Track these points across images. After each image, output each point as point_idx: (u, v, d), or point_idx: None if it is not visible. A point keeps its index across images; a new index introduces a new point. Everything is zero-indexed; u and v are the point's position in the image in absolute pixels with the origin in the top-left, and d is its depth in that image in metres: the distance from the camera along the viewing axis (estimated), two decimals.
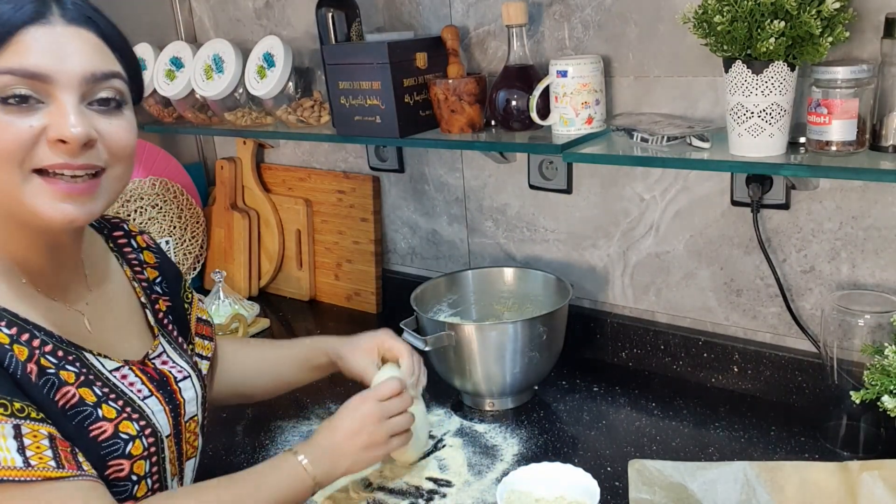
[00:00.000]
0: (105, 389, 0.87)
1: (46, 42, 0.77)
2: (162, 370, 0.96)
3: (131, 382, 0.91)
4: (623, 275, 1.44)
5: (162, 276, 1.07)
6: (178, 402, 0.96)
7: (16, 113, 0.76)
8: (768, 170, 1.09)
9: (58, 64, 0.77)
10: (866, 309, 1.10)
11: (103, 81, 0.81)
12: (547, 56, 1.35)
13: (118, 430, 0.85)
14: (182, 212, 1.91)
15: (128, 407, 0.88)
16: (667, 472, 1.04)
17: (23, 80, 0.76)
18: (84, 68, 0.79)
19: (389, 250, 1.80)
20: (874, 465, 1.00)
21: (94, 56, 0.80)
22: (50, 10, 0.78)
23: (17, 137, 0.76)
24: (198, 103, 1.74)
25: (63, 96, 0.78)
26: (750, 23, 1.00)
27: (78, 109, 0.78)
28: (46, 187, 0.78)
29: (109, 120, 0.82)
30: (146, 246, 1.08)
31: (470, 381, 1.30)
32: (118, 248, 1.04)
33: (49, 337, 0.84)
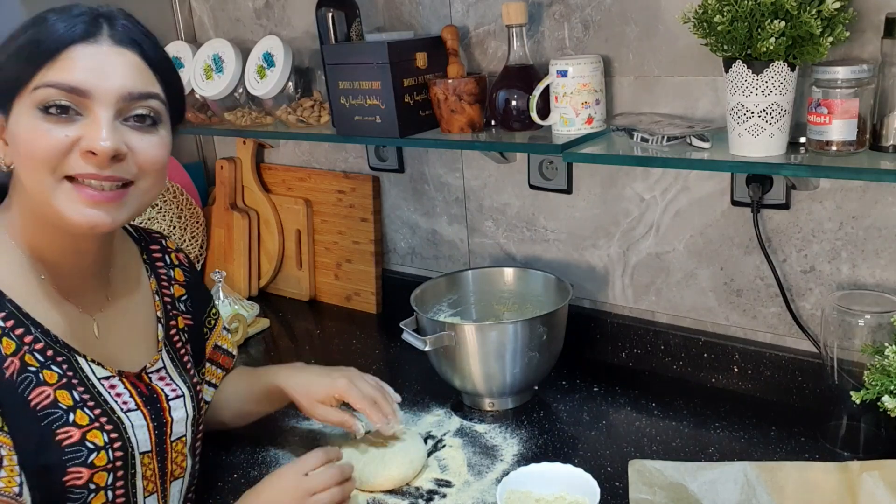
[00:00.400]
0: (85, 395, 0.89)
1: (91, 60, 0.82)
2: (155, 386, 0.98)
3: (118, 393, 0.93)
4: (623, 275, 1.44)
5: (188, 295, 1.11)
6: (166, 421, 0.98)
7: (54, 122, 0.81)
8: (768, 170, 1.09)
9: (98, 81, 0.82)
10: (866, 309, 1.10)
11: (140, 100, 0.85)
12: (547, 56, 1.35)
13: (85, 437, 0.87)
14: (182, 212, 1.91)
15: (103, 417, 0.90)
16: (667, 473, 1.04)
17: (64, 93, 0.81)
18: (122, 86, 0.83)
19: (389, 250, 1.80)
20: (874, 465, 1.00)
21: (133, 76, 0.85)
22: (100, 31, 0.83)
23: (53, 145, 0.81)
24: (198, 103, 1.74)
25: (99, 111, 0.82)
26: (750, 22, 1.00)
27: (111, 124, 0.82)
28: (74, 193, 0.83)
29: (142, 136, 0.86)
30: (179, 264, 1.11)
31: (470, 381, 1.30)
32: (151, 261, 1.08)
33: (45, 335, 0.87)
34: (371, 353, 1.60)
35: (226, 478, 1.19)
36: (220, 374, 1.19)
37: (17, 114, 0.82)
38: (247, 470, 1.20)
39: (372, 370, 1.51)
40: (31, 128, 0.81)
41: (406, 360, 1.54)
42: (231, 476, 1.19)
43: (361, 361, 1.56)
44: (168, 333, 1.05)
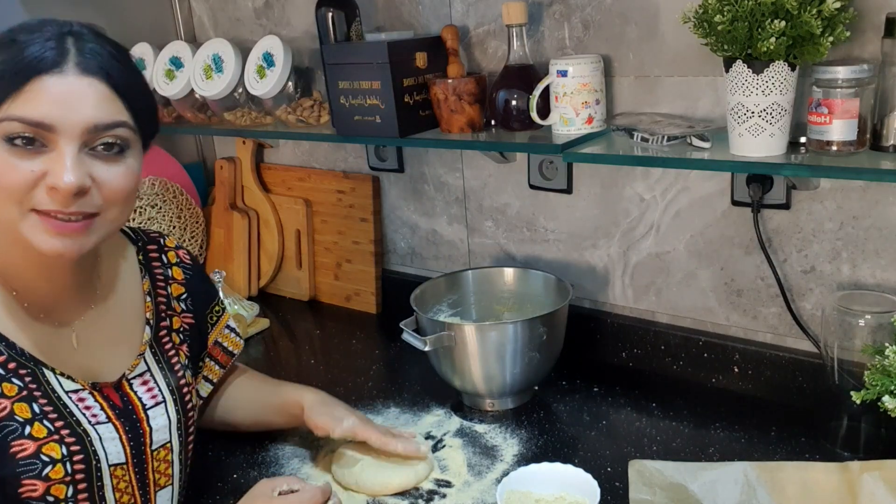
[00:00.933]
0: (47, 408, 0.89)
1: (57, 92, 0.81)
2: (131, 396, 0.97)
3: (87, 406, 0.92)
4: (623, 275, 1.44)
5: (188, 293, 1.10)
6: (143, 431, 0.97)
7: (20, 155, 0.81)
8: (769, 170, 1.09)
9: (63, 115, 0.81)
10: (867, 309, 1.10)
11: (106, 131, 0.84)
12: (547, 56, 1.35)
13: (40, 450, 0.87)
14: (181, 212, 1.91)
15: (66, 429, 0.89)
16: (667, 473, 1.04)
17: (30, 127, 0.80)
18: (87, 120, 0.82)
19: (389, 250, 1.80)
20: (875, 465, 1.00)
21: (100, 107, 0.83)
22: (66, 60, 0.82)
23: (19, 179, 0.81)
24: (197, 103, 1.74)
25: (64, 145, 0.81)
26: (750, 22, 1.00)
27: (76, 159, 0.81)
28: (41, 224, 0.83)
29: (109, 166, 0.85)
30: (178, 262, 1.11)
31: (470, 382, 1.30)
32: (146, 262, 1.07)
33: (9, 348, 0.88)
34: (371, 354, 1.60)
35: (226, 478, 1.19)
36: (217, 370, 1.19)
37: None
38: (247, 470, 1.20)
39: (372, 370, 1.52)
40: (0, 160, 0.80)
41: (406, 361, 1.54)
42: (231, 476, 1.19)
43: (361, 361, 1.56)
44: (157, 335, 1.04)
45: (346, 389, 1.42)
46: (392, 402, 1.37)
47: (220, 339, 1.19)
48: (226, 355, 1.20)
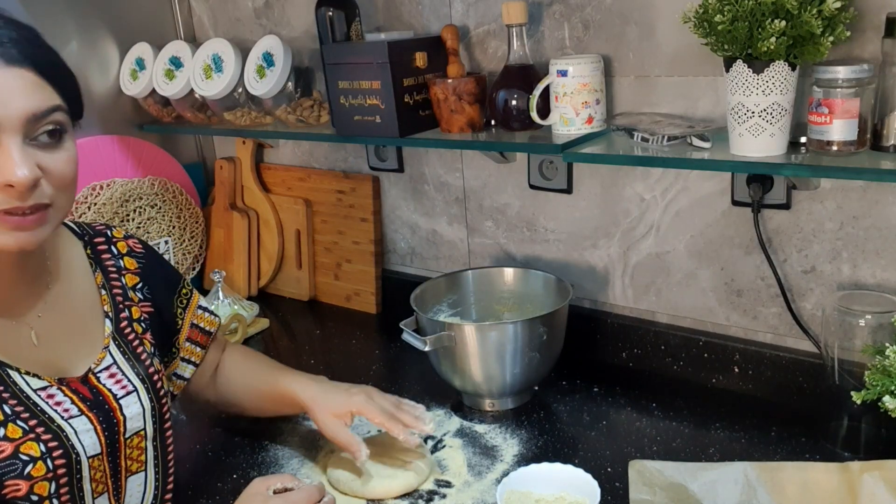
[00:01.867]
0: (18, 408, 0.88)
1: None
2: (101, 388, 0.96)
3: (58, 402, 0.92)
4: (623, 275, 1.44)
5: (144, 281, 1.09)
6: (117, 420, 0.96)
7: None
8: (769, 170, 1.09)
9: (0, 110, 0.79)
10: (867, 309, 1.10)
11: (44, 118, 0.83)
12: (547, 56, 1.35)
13: (18, 450, 0.86)
14: (181, 212, 1.91)
15: (40, 427, 0.88)
16: (667, 473, 1.04)
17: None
18: (25, 110, 0.81)
19: (389, 250, 1.80)
20: (875, 465, 1.00)
21: (33, 95, 0.82)
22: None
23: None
24: (197, 103, 1.74)
25: (7, 140, 0.80)
26: (751, 22, 1.00)
27: (22, 152, 0.80)
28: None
29: (52, 154, 0.84)
30: (128, 251, 1.09)
31: (470, 382, 1.30)
32: (95, 255, 1.06)
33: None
34: (371, 354, 1.60)
35: (226, 478, 1.19)
36: (198, 352, 1.18)
37: None
38: (246, 470, 1.20)
39: (372, 370, 1.51)
40: None
41: (406, 361, 1.54)
42: (231, 476, 1.19)
43: (361, 362, 1.56)
44: (118, 327, 1.03)
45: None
46: None
47: (195, 320, 1.17)
48: (203, 335, 1.18)
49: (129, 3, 1.83)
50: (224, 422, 1.34)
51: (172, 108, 1.80)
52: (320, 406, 1.15)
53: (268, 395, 1.22)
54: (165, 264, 1.16)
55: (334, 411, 1.14)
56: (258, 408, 1.26)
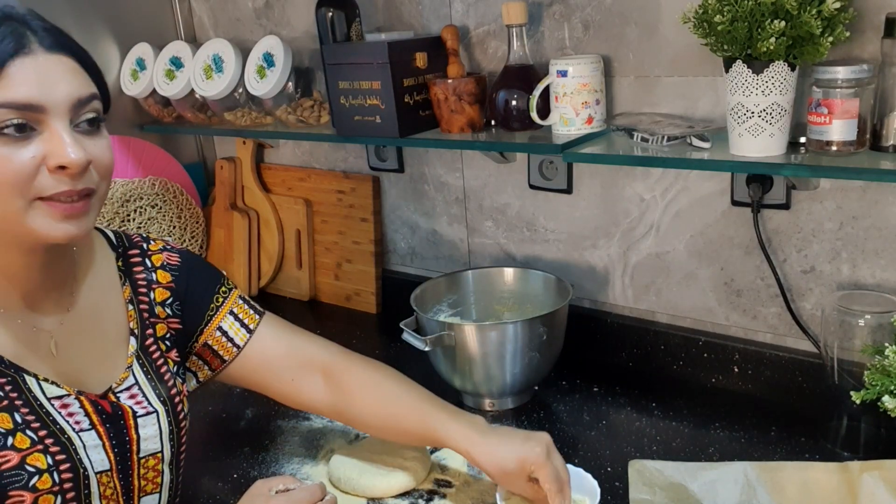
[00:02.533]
0: (29, 417, 0.86)
1: (32, 72, 0.80)
2: (121, 405, 0.94)
3: (71, 413, 0.89)
4: (623, 275, 1.44)
5: (175, 297, 1.05)
6: (129, 439, 0.94)
7: (12, 144, 0.79)
8: (769, 170, 1.09)
9: (47, 93, 0.80)
10: (867, 309, 1.10)
11: (87, 104, 0.83)
12: (547, 56, 1.35)
13: (25, 461, 0.84)
14: (182, 212, 1.91)
15: (50, 438, 0.86)
16: (667, 473, 1.04)
17: (17, 111, 0.78)
18: (71, 94, 0.81)
19: (389, 250, 1.80)
20: (875, 465, 1.00)
21: (76, 81, 0.83)
22: (29, 41, 0.81)
23: (20, 169, 0.79)
24: (197, 103, 1.74)
25: (55, 124, 0.80)
26: (750, 22, 1.00)
27: (71, 135, 0.81)
28: (49, 210, 0.81)
29: (94, 141, 0.85)
30: (162, 265, 1.05)
31: (470, 382, 1.30)
32: (127, 268, 1.03)
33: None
34: (371, 354, 1.58)
35: (226, 478, 1.19)
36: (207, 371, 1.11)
37: None
38: (247, 470, 1.20)
39: None
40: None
41: (406, 360, 1.53)
42: (231, 477, 1.19)
43: None
44: (144, 345, 1.00)
45: None
46: None
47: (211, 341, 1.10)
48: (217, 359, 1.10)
49: (130, 4, 1.83)
50: (224, 421, 1.34)
51: (173, 109, 1.80)
52: (499, 469, 0.99)
53: (402, 427, 1.08)
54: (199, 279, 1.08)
55: (513, 472, 0.98)
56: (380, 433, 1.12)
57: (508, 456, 0.99)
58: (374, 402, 1.11)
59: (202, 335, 1.09)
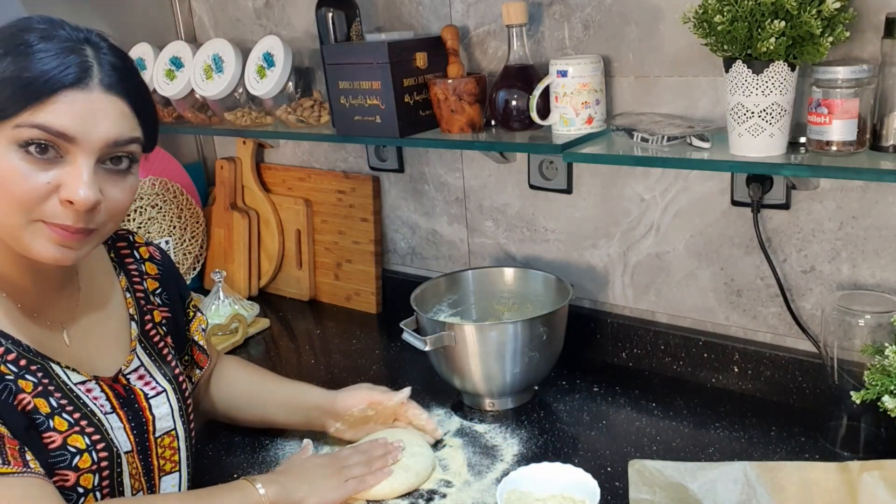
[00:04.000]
0: (63, 401, 0.89)
1: (80, 107, 0.81)
2: (133, 387, 0.98)
3: (96, 397, 0.93)
4: (623, 275, 1.44)
5: (163, 287, 1.11)
6: (146, 420, 0.98)
7: (34, 163, 0.80)
8: (768, 170, 1.09)
9: (85, 129, 0.81)
10: (867, 309, 1.10)
11: (121, 146, 0.85)
12: (547, 56, 1.35)
13: (66, 442, 0.88)
14: (182, 212, 1.91)
15: (84, 420, 0.90)
16: (667, 473, 1.04)
17: (50, 136, 0.80)
18: (108, 135, 0.83)
19: (389, 250, 1.80)
20: (875, 465, 1.00)
21: (119, 123, 0.84)
22: (90, 76, 0.82)
23: (32, 189, 0.81)
24: (197, 103, 1.74)
25: (81, 158, 0.82)
26: (750, 22, 1.00)
27: (92, 174, 0.82)
28: (46, 231, 0.83)
29: (116, 182, 0.86)
30: (149, 257, 1.11)
31: (470, 381, 1.30)
32: (119, 259, 1.07)
33: (16, 346, 0.88)
34: (371, 353, 1.60)
35: (226, 478, 1.18)
36: (196, 372, 1.19)
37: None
38: (247, 470, 1.20)
39: (372, 370, 1.52)
40: (9, 167, 0.80)
41: (406, 360, 1.54)
42: (231, 477, 1.19)
43: (361, 361, 1.56)
44: (144, 329, 1.04)
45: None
46: None
47: (196, 337, 1.18)
48: (200, 353, 1.19)
49: (130, 4, 1.84)
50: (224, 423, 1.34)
51: (173, 108, 1.80)
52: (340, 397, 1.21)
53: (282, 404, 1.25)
54: (177, 275, 1.17)
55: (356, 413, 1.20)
56: (261, 417, 1.27)
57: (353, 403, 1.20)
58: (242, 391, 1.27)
59: (189, 333, 1.16)
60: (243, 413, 1.27)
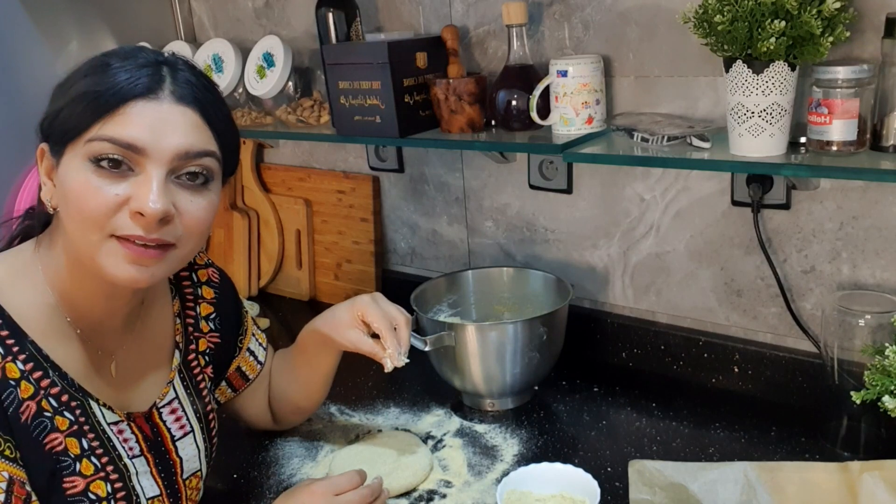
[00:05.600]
0: (95, 443, 0.88)
1: (150, 118, 0.80)
2: (160, 427, 0.97)
3: (126, 439, 0.92)
4: (623, 275, 1.44)
5: (217, 312, 1.09)
6: (172, 462, 0.97)
7: (106, 177, 0.80)
8: (769, 170, 1.09)
9: (155, 139, 0.80)
10: (867, 309, 1.10)
11: (195, 159, 0.83)
12: (547, 56, 1.35)
13: (88, 488, 0.87)
14: None
15: (110, 465, 0.89)
16: (667, 473, 1.04)
17: (119, 148, 0.79)
18: (178, 146, 0.81)
19: (389, 250, 1.80)
20: (875, 465, 1.00)
21: (190, 134, 0.83)
22: (161, 87, 0.81)
23: (103, 203, 0.79)
24: None
25: (152, 169, 0.80)
26: (750, 22, 1.00)
27: (163, 185, 0.81)
28: (120, 249, 0.81)
29: (192, 197, 0.84)
30: (207, 281, 1.09)
31: (470, 382, 1.30)
32: (177, 282, 1.06)
33: (62, 379, 0.86)
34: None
35: (226, 478, 1.19)
36: (230, 393, 1.17)
37: (68, 160, 0.81)
38: (247, 470, 1.20)
39: (372, 370, 1.51)
40: (82, 182, 0.79)
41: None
42: (231, 476, 1.19)
43: (361, 361, 1.55)
44: (186, 359, 1.03)
45: (345, 389, 1.42)
46: (392, 402, 1.37)
47: (243, 364, 1.17)
48: (240, 379, 1.17)
49: (129, 4, 1.83)
50: (224, 422, 1.33)
51: None
52: (331, 325, 1.12)
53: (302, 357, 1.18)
54: (235, 301, 1.15)
55: (344, 323, 1.11)
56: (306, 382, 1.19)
57: (339, 311, 1.12)
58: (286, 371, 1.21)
59: (234, 361, 1.15)
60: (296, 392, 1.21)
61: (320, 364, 1.17)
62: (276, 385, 1.22)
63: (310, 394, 1.21)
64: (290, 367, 1.20)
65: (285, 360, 1.22)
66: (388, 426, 1.29)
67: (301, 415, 1.26)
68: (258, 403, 1.22)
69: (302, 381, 1.19)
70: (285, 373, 1.21)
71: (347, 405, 1.37)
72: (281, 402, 1.22)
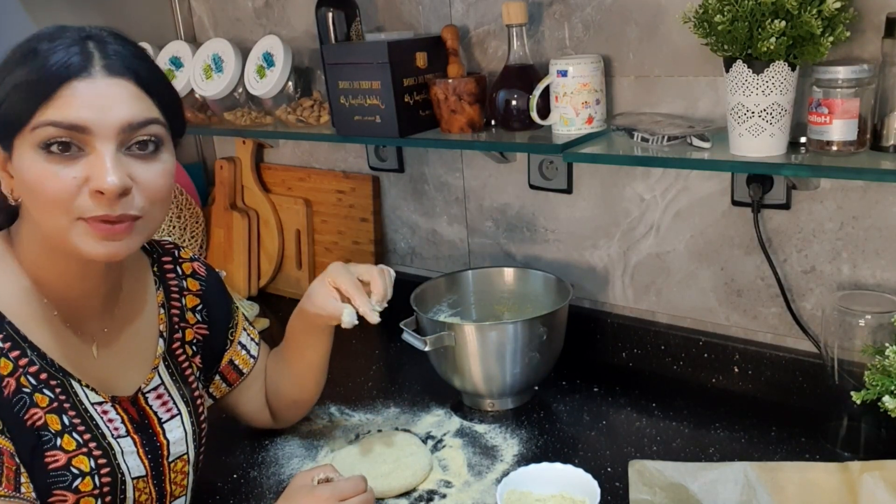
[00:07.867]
0: (76, 420, 0.89)
1: (88, 95, 0.81)
2: (147, 410, 0.98)
3: (111, 419, 0.93)
4: (623, 275, 1.44)
5: (204, 304, 1.10)
6: (160, 444, 0.97)
7: (58, 162, 0.80)
8: (769, 170, 1.09)
9: (97, 116, 0.81)
10: (867, 309, 1.10)
11: (140, 128, 0.84)
12: (547, 56, 1.35)
13: (70, 462, 0.87)
14: (181, 212, 1.91)
15: (93, 442, 0.89)
16: (667, 473, 1.04)
17: (64, 130, 0.80)
18: (121, 119, 0.82)
19: (389, 250, 1.80)
20: (875, 465, 1.00)
21: (131, 105, 0.83)
22: (93, 64, 0.82)
23: (62, 188, 0.81)
24: (197, 103, 1.74)
25: (101, 147, 0.81)
26: (751, 22, 1.00)
27: (115, 159, 0.81)
28: (89, 230, 0.82)
29: (146, 165, 0.85)
30: (192, 273, 1.10)
31: (470, 382, 1.30)
32: (161, 273, 1.07)
33: (40, 359, 0.88)
34: (371, 353, 1.60)
35: (226, 478, 1.19)
36: (224, 388, 1.18)
37: (19, 152, 0.82)
38: (246, 470, 1.20)
39: (372, 370, 1.51)
40: (37, 170, 0.80)
41: (406, 361, 1.53)
42: (231, 476, 1.19)
43: (361, 361, 1.56)
44: (170, 347, 1.04)
45: (345, 389, 1.42)
46: (392, 402, 1.37)
47: (235, 357, 1.17)
48: (235, 373, 1.18)
49: (129, 4, 1.83)
50: (224, 422, 1.33)
51: None
52: (311, 299, 1.15)
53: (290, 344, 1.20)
54: (223, 293, 1.16)
55: (322, 294, 1.14)
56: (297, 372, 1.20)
57: (314, 285, 1.16)
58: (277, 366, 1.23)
59: (225, 354, 1.16)
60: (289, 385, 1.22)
61: (310, 350, 1.18)
62: (271, 381, 1.23)
63: (304, 385, 1.22)
64: (283, 360, 1.21)
65: (278, 354, 1.23)
66: (387, 426, 1.29)
67: (298, 409, 1.26)
68: (255, 400, 1.22)
69: (295, 371, 1.20)
70: (279, 367, 1.22)
71: (347, 405, 1.37)
72: (277, 397, 1.23)
